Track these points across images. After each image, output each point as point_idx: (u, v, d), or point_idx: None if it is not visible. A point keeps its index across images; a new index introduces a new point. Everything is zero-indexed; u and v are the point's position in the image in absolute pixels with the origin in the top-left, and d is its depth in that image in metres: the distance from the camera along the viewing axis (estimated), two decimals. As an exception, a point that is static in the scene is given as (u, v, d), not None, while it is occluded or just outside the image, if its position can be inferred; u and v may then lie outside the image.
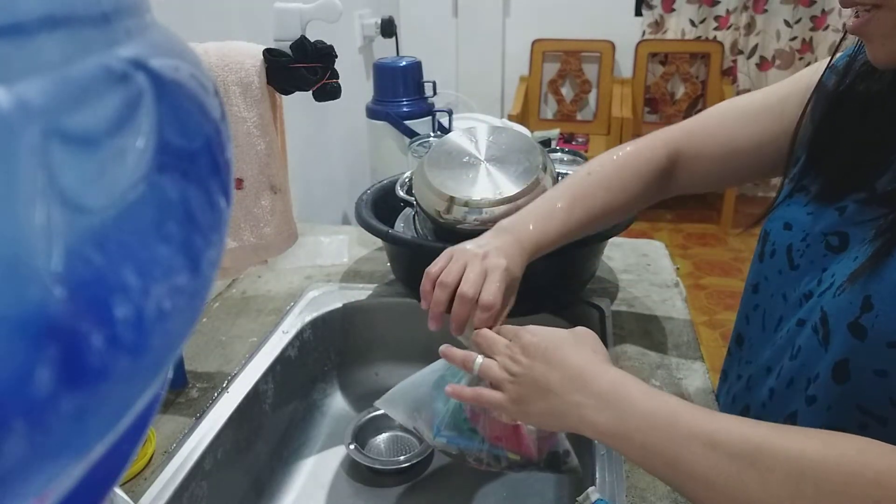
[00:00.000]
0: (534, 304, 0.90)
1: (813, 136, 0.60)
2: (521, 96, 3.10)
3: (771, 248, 0.62)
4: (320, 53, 0.69)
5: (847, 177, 0.56)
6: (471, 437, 0.62)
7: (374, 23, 1.99)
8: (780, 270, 0.61)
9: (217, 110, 0.19)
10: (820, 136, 0.60)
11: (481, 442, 0.61)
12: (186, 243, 0.17)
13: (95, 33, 0.15)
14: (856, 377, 0.50)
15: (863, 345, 0.49)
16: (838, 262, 0.54)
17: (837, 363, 0.50)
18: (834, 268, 0.54)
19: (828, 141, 0.59)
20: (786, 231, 0.60)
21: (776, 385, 0.58)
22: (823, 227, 0.57)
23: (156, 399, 0.19)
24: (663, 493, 0.62)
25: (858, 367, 0.49)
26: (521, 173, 0.78)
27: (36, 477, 0.13)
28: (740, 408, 0.64)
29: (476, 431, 0.62)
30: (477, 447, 0.62)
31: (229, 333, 0.89)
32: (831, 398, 0.52)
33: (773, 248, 0.62)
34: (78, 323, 0.13)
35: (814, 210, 0.58)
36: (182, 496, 0.64)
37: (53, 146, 0.13)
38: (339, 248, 1.12)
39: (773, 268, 0.62)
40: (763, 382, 0.60)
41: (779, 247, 0.61)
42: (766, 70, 3.09)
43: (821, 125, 0.59)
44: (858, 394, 0.50)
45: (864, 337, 0.49)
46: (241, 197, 0.72)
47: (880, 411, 0.49)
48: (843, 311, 0.50)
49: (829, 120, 0.59)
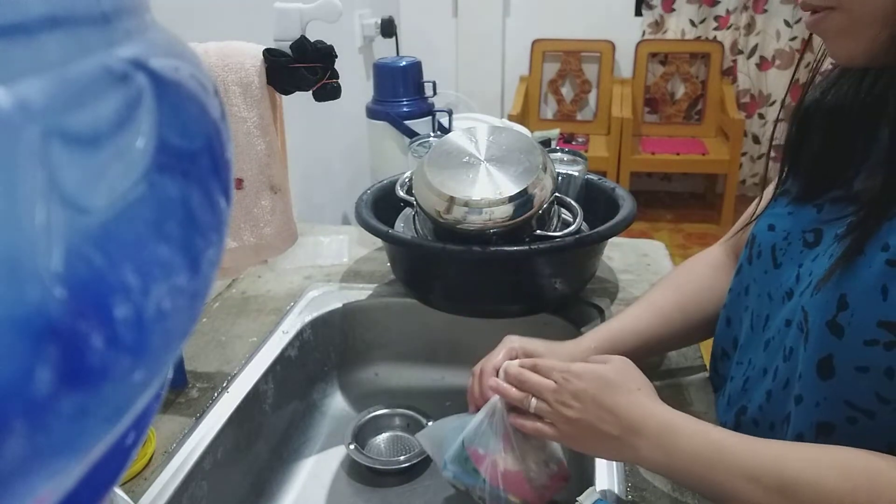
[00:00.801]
0: (534, 303, 0.90)
1: (789, 139, 0.63)
2: (521, 96, 3.10)
3: (757, 249, 0.64)
4: (320, 53, 0.69)
5: (823, 176, 0.58)
6: (474, 475, 0.65)
7: (374, 23, 1.99)
8: (766, 270, 0.62)
9: (217, 110, 0.19)
10: (796, 138, 0.62)
11: (483, 482, 0.64)
12: (186, 243, 0.17)
13: (95, 33, 0.15)
14: (840, 373, 0.50)
15: (841, 342, 0.50)
16: (813, 259, 0.56)
17: (821, 360, 0.51)
18: (809, 264, 0.56)
19: (803, 143, 0.61)
20: (770, 232, 0.62)
21: (773, 388, 0.58)
22: (803, 225, 0.59)
23: (156, 399, 0.19)
24: (663, 493, 0.62)
25: (841, 363, 0.50)
26: (521, 173, 0.78)
27: (36, 477, 0.13)
28: (736, 409, 0.64)
29: (478, 472, 0.64)
30: (480, 485, 0.65)
31: (229, 333, 0.89)
32: (818, 395, 0.52)
33: (760, 250, 0.63)
34: (78, 323, 0.13)
35: (794, 210, 0.61)
36: (182, 496, 0.64)
37: (53, 146, 0.13)
38: (339, 248, 1.12)
39: (760, 269, 0.63)
40: (760, 385, 0.61)
41: (764, 248, 0.63)
42: (766, 70, 3.09)
43: (798, 129, 0.62)
44: (844, 389, 0.51)
45: (841, 335, 0.50)
46: (241, 197, 0.72)
47: (867, 405, 0.50)
48: (821, 310, 0.51)
49: (803, 123, 0.61)
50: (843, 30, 0.49)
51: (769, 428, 0.59)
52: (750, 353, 0.64)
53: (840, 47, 0.51)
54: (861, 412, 0.50)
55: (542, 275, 0.86)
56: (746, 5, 3.01)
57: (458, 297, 0.89)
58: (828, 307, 0.50)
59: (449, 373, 0.99)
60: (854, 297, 0.49)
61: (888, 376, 0.48)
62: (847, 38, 0.49)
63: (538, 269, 0.85)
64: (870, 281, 0.48)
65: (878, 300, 0.47)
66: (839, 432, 0.52)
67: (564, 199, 0.88)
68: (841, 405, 0.51)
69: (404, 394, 0.97)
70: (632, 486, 0.63)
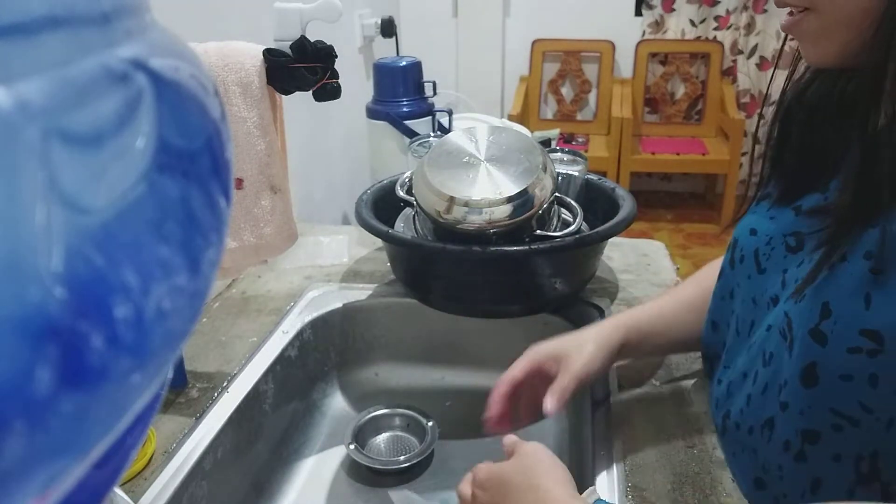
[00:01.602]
0: (534, 303, 0.90)
1: (770, 138, 0.63)
2: (521, 96, 3.10)
3: (740, 254, 0.63)
4: (320, 53, 0.69)
5: (801, 179, 0.58)
6: None
7: (374, 23, 1.99)
8: (749, 275, 0.61)
9: (217, 110, 0.19)
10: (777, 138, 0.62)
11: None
12: (186, 243, 0.17)
13: (95, 33, 0.15)
14: (824, 381, 0.50)
15: (825, 350, 0.49)
16: (798, 265, 0.55)
17: (805, 367, 0.51)
18: (794, 270, 0.56)
19: (784, 143, 0.61)
20: (752, 236, 0.62)
21: (753, 391, 0.58)
22: (783, 229, 0.58)
23: (156, 399, 0.19)
24: (663, 493, 0.62)
25: (825, 371, 0.50)
26: (521, 173, 0.78)
27: (36, 477, 0.13)
28: (722, 414, 0.64)
29: None
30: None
31: (229, 333, 0.89)
32: (803, 402, 0.52)
33: (742, 255, 0.63)
34: (78, 323, 0.13)
35: (775, 214, 0.60)
36: (182, 496, 0.64)
37: (53, 146, 0.13)
38: (339, 248, 1.12)
39: (744, 273, 0.62)
40: (741, 388, 0.61)
41: (747, 252, 0.62)
42: (766, 70, 3.09)
43: (780, 129, 0.61)
44: (828, 397, 0.50)
45: (824, 343, 0.49)
46: (241, 197, 0.72)
47: (852, 413, 0.50)
48: (804, 318, 0.51)
49: (785, 122, 0.61)
50: (817, 32, 0.50)
51: (748, 432, 0.59)
52: (736, 358, 0.64)
53: (814, 49, 0.51)
54: (846, 420, 0.50)
55: (542, 275, 0.86)
56: (746, 5, 3.01)
57: (458, 297, 0.89)
58: (811, 315, 0.50)
59: (449, 373, 0.99)
60: (837, 304, 0.48)
61: (871, 384, 0.48)
62: (820, 40, 0.50)
63: (538, 269, 0.85)
64: (852, 289, 0.48)
65: (860, 308, 0.47)
66: (825, 439, 0.52)
67: (564, 199, 0.88)
68: (826, 413, 0.51)
69: (404, 394, 0.97)
70: (632, 485, 0.63)
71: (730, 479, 0.63)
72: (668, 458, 0.66)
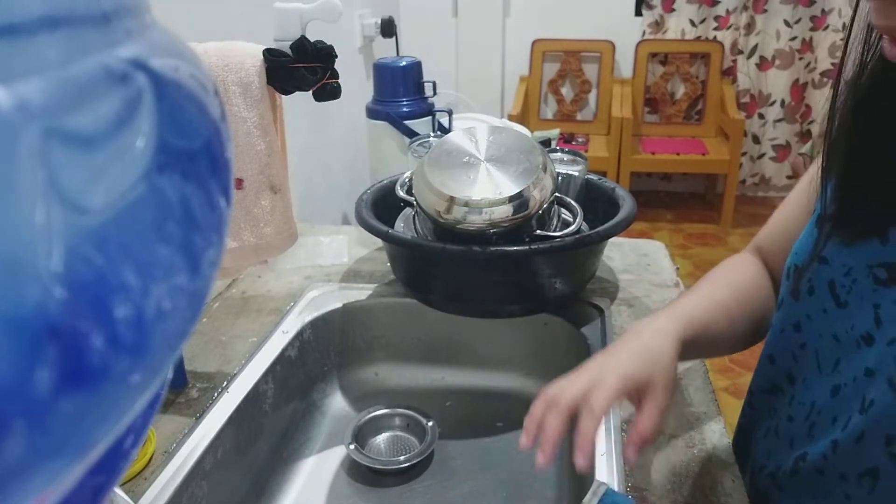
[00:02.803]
0: (534, 303, 0.90)
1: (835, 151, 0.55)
2: (521, 96, 3.10)
3: (808, 285, 0.57)
4: (320, 53, 0.69)
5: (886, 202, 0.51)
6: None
7: (374, 23, 1.99)
8: (825, 309, 0.55)
9: (217, 110, 0.19)
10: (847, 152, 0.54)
11: None
12: (186, 243, 0.17)
13: (95, 33, 0.15)
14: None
15: None
16: (893, 300, 0.50)
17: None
18: (888, 306, 0.50)
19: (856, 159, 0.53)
20: (824, 265, 0.55)
21: (841, 438, 0.53)
22: (868, 259, 0.52)
23: (156, 399, 0.19)
24: (663, 493, 0.62)
25: None
26: (521, 173, 0.78)
27: (36, 477, 0.13)
28: (796, 454, 0.59)
29: None
30: None
31: (229, 333, 0.89)
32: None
33: (811, 286, 0.57)
34: (78, 323, 0.13)
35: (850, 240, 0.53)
36: (182, 496, 0.64)
37: (53, 146, 0.13)
38: (339, 248, 1.12)
39: (816, 306, 0.56)
40: (826, 433, 0.56)
41: (817, 283, 0.56)
42: (766, 70, 3.09)
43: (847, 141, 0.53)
44: None
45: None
46: (241, 197, 0.72)
47: None
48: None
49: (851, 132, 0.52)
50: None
51: (840, 478, 0.54)
52: (813, 396, 0.58)
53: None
54: None
55: (542, 275, 0.86)
56: (746, 5, 3.01)
57: (458, 297, 0.89)
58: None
59: (449, 373, 0.99)
60: None
61: None
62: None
63: (538, 269, 0.85)
64: None
65: None
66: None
67: (564, 199, 0.88)
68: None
69: (404, 394, 0.97)
70: (632, 485, 0.63)
71: (730, 479, 0.63)
72: (668, 458, 0.66)
